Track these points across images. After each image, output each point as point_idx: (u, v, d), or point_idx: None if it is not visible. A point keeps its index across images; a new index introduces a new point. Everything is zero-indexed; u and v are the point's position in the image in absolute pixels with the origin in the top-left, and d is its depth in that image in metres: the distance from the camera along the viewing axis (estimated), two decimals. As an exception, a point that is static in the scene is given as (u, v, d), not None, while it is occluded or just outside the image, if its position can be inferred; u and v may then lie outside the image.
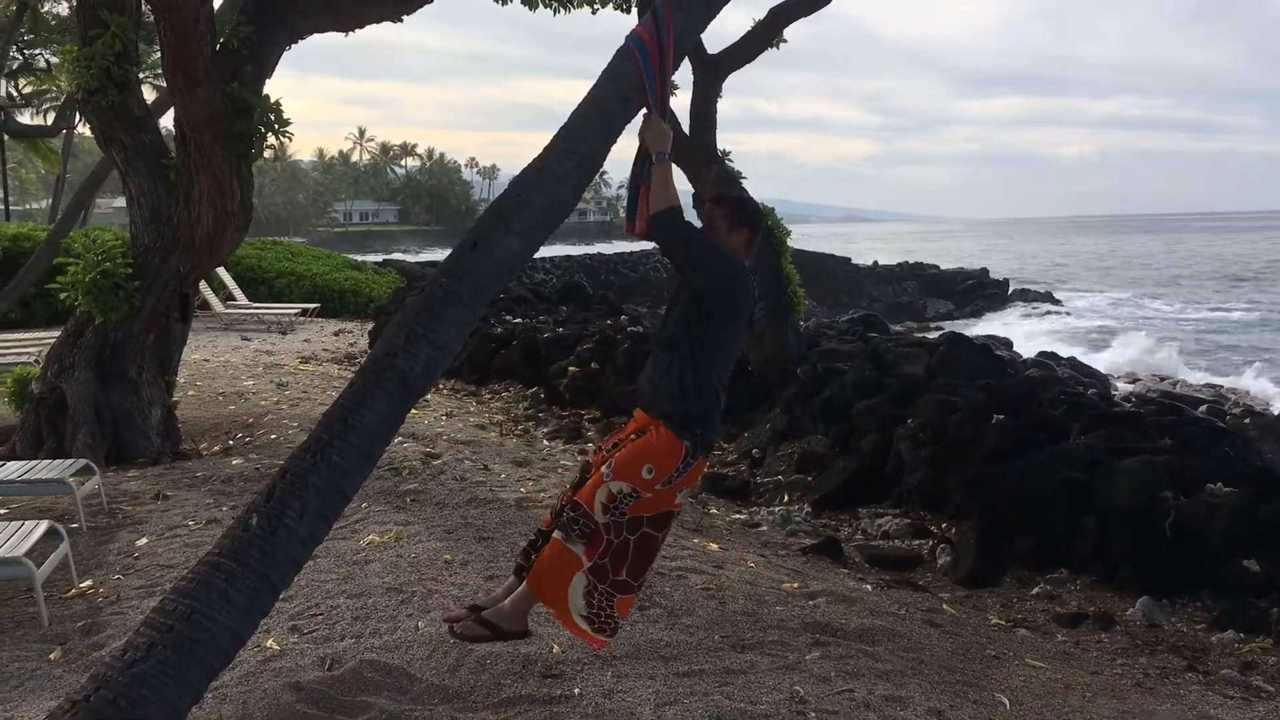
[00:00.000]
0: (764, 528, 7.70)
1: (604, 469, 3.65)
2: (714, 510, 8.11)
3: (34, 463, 6.62)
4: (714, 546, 6.42)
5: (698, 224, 3.95)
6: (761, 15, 11.41)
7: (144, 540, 5.88)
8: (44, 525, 5.12)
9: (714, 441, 3.88)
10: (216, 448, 8.51)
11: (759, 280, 4.08)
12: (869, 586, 6.21)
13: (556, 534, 3.68)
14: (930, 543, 7.44)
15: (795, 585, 5.66)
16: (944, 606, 6.04)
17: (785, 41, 11.87)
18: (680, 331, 3.72)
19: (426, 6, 8.35)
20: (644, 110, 3.67)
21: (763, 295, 4.10)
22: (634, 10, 12.84)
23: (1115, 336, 29.27)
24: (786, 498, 8.65)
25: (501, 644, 3.96)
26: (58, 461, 6.61)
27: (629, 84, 3.59)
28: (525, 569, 3.79)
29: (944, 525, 7.78)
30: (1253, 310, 39.00)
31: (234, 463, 7.70)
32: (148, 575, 5.32)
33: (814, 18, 11.50)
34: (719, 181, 11.15)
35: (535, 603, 3.76)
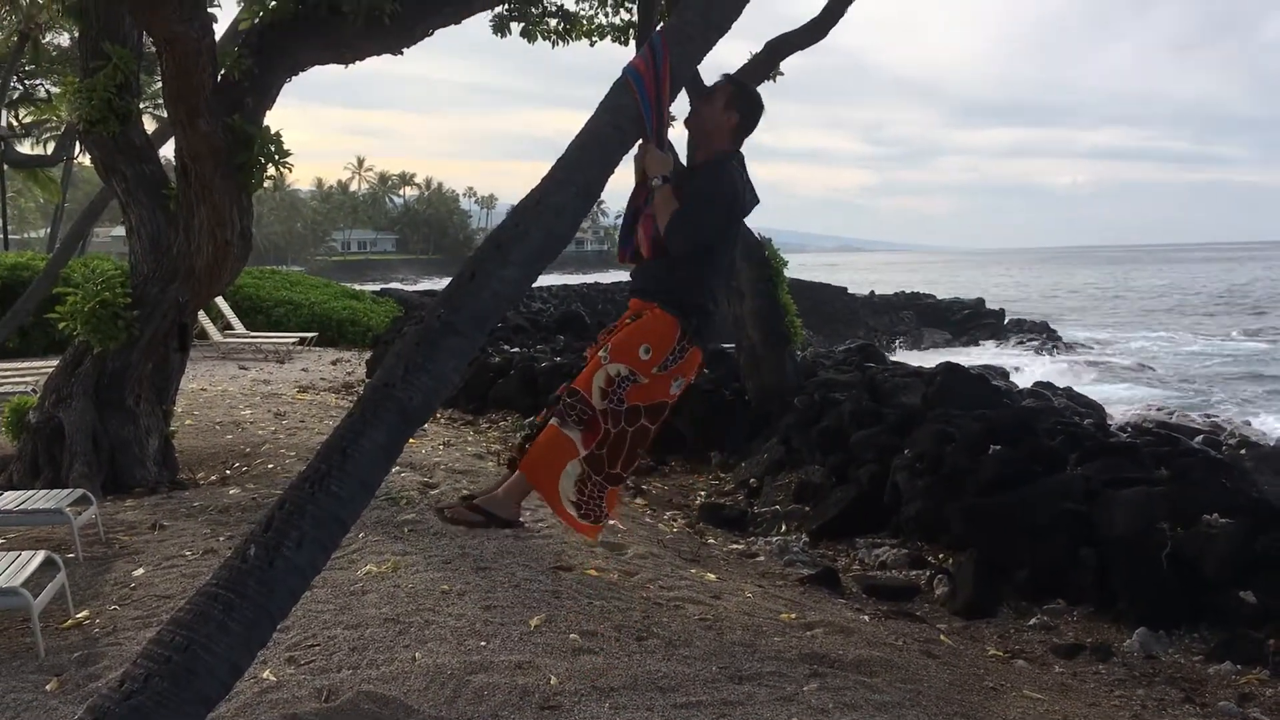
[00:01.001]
0: (761, 558, 7.70)
1: (601, 353, 3.68)
2: (711, 540, 8.10)
3: (30, 493, 6.61)
4: (711, 576, 6.41)
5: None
6: (759, 48, 11.50)
7: (141, 570, 5.87)
8: (41, 555, 5.11)
9: (710, 337, 3.93)
10: (214, 477, 8.50)
11: (756, 314, 4.13)
12: (866, 617, 6.19)
13: (553, 420, 3.70)
14: (928, 573, 7.44)
15: (793, 616, 5.64)
16: (941, 637, 6.03)
17: (782, 74, 11.97)
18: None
19: (426, 39, 8.42)
20: (641, 140, 3.72)
21: (759, 330, 4.20)
22: (631, 43, 12.97)
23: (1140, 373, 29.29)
24: (784, 527, 8.65)
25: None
26: (54, 491, 6.60)
27: (626, 116, 3.63)
28: (519, 461, 3.81)
29: (941, 555, 7.78)
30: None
31: (231, 492, 7.69)
32: (144, 606, 5.30)
33: (810, 50, 11.59)
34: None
35: (528, 491, 3.78)
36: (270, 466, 8.64)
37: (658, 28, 11.36)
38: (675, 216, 3.73)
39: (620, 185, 3.91)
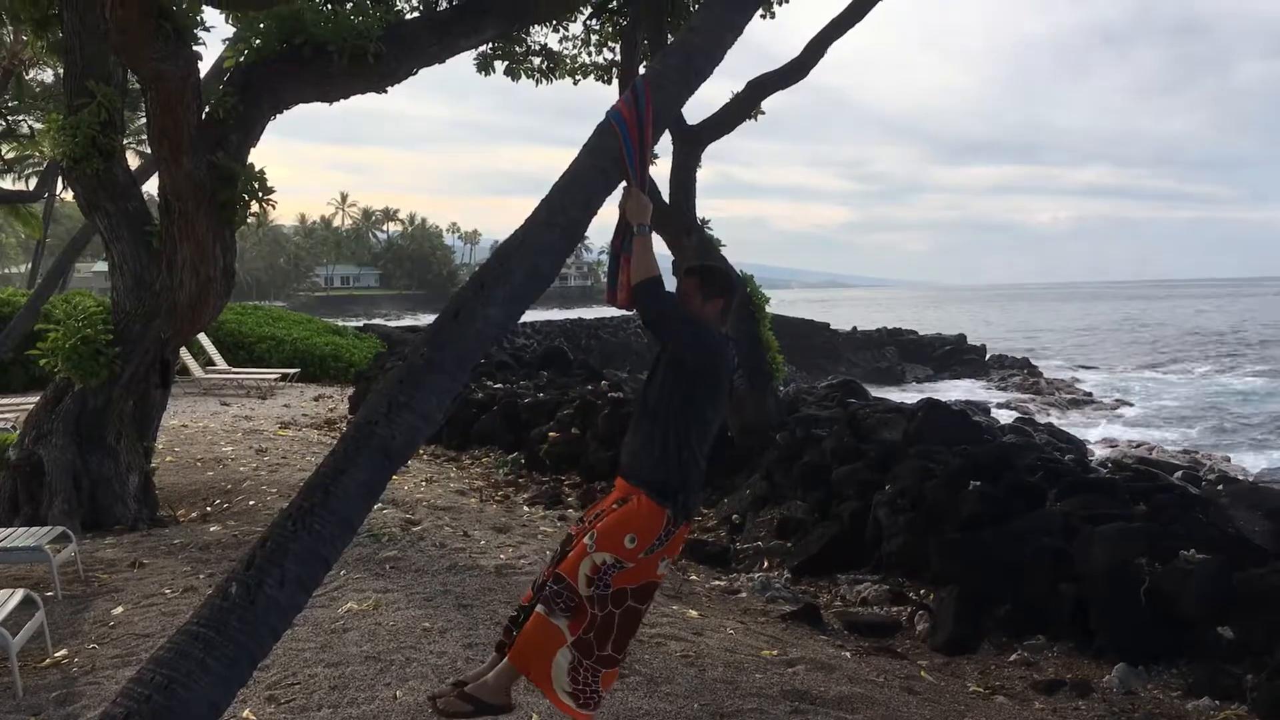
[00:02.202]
0: (744, 594, 7.70)
1: (586, 539, 3.67)
2: (694, 576, 8.10)
3: (9, 530, 6.58)
4: (694, 613, 6.42)
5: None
6: (740, 87, 11.63)
7: (120, 609, 5.84)
8: (19, 594, 5.09)
9: (695, 509, 3.89)
10: (194, 514, 8.47)
11: (737, 348, 4.15)
12: (848, 653, 6.21)
13: (539, 608, 3.68)
14: (909, 609, 7.45)
15: (775, 652, 5.66)
16: (922, 674, 6.04)
17: (764, 113, 12.10)
18: (661, 400, 3.77)
19: (410, 77, 8.50)
20: (624, 183, 3.76)
21: (742, 363, 4.19)
22: (615, 82, 13.09)
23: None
24: (766, 564, 8.66)
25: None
26: (34, 529, 6.57)
27: (609, 158, 3.67)
28: (507, 645, 3.79)
29: (922, 591, 7.80)
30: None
31: (212, 529, 7.67)
32: (123, 644, 5.27)
33: (792, 88, 11.72)
34: (698, 249, 11.28)
35: (518, 676, 3.76)
36: (252, 503, 8.62)
37: (640, 71, 11.51)
38: (654, 288, 3.74)
39: (604, 220, 3.94)
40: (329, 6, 9.92)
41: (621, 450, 3.92)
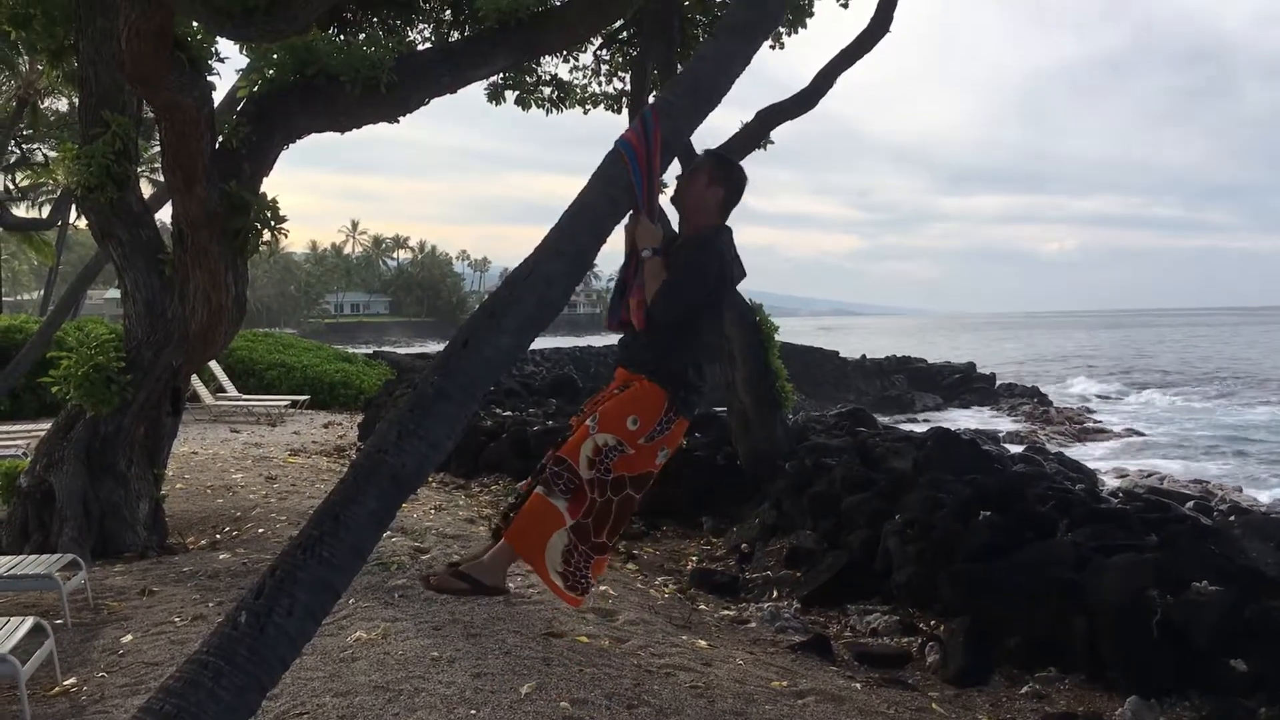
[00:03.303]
0: (753, 624, 7.67)
1: (589, 421, 3.71)
2: (703, 606, 8.07)
3: (19, 558, 6.59)
4: (702, 643, 6.39)
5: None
6: (749, 116, 11.69)
7: (129, 637, 5.83)
8: (29, 622, 5.09)
9: (696, 406, 3.97)
10: (204, 542, 8.47)
11: (745, 372, 4.19)
12: (858, 685, 6.17)
13: (539, 489, 3.72)
14: (919, 640, 7.41)
15: (784, 684, 5.62)
16: (933, 705, 6.00)
17: (772, 142, 12.16)
18: None
19: (422, 107, 8.55)
20: (632, 212, 3.80)
21: (750, 394, 4.27)
22: (625, 111, 13.17)
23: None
24: (775, 593, 8.62)
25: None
26: (44, 556, 6.58)
27: (618, 186, 3.70)
28: (504, 530, 3.81)
29: (933, 622, 7.75)
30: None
31: (221, 557, 7.67)
32: (132, 673, 5.27)
33: (800, 118, 11.79)
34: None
35: (514, 559, 3.78)
36: (261, 531, 8.62)
37: (649, 100, 11.58)
38: (661, 288, 3.81)
39: (613, 248, 4.00)
40: (342, 37, 10.05)
41: (621, 347, 3.99)
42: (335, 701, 4.73)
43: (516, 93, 12.79)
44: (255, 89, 7.89)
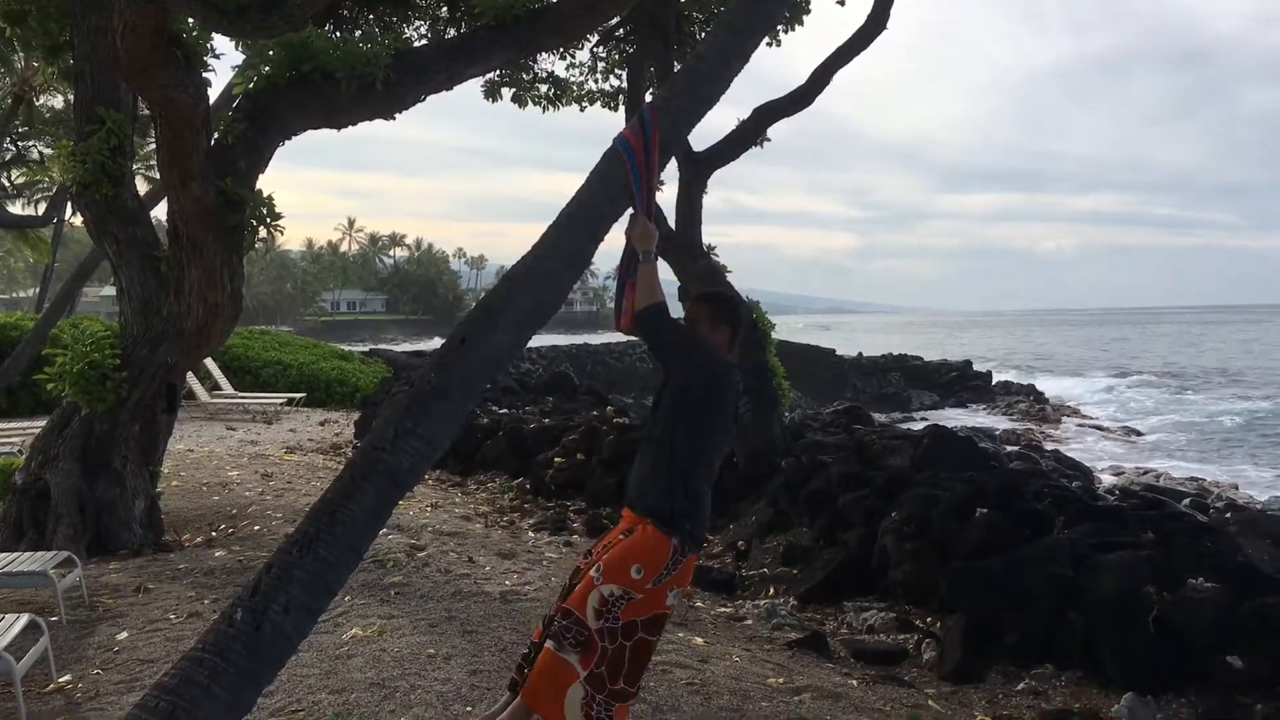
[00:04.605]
0: (749, 621, 7.66)
1: (593, 572, 3.66)
2: (699, 603, 8.07)
3: (14, 555, 6.57)
4: (699, 640, 6.39)
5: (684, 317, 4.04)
6: (746, 114, 11.68)
7: (124, 634, 5.83)
8: (24, 619, 5.08)
9: (703, 537, 3.87)
10: (199, 539, 8.46)
11: (742, 374, 4.15)
12: (854, 682, 6.17)
13: (549, 644, 3.66)
14: (915, 637, 7.41)
15: (780, 680, 5.62)
16: (929, 702, 6.00)
17: (769, 140, 12.15)
18: (666, 427, 3.77)
19: (418, 104, 8.53)
20: (630, 209, 3.78)
21: (747, 390, 4.21)
22: (621, 109, 13.16)
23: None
24: (772, 591, 8.62)
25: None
26: (39, 554, 6.56)
27: (615, 185, 3.70)
28: (520, 683, 3.77)
29: (929, 619, 7.76)
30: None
31: (216, 554, 7.66)
32: (127, 670, 5.26)
33: (796, 115, 11.78)
34: (704, 275, 11.31)
35: (531, 715, 3.73)
36: (257, 528, 8.61)
37: (647, 97, 11.57)
38: (661, 313, 3.76)
39: (610, 246, 3.97)
40: (338, 34, 10.03)
41: (629, 480, 3.92)
42: (331, 699, 4.72)
43: (513, 90, 12.77)
44: (251, 86, 7.87)
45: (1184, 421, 33.44)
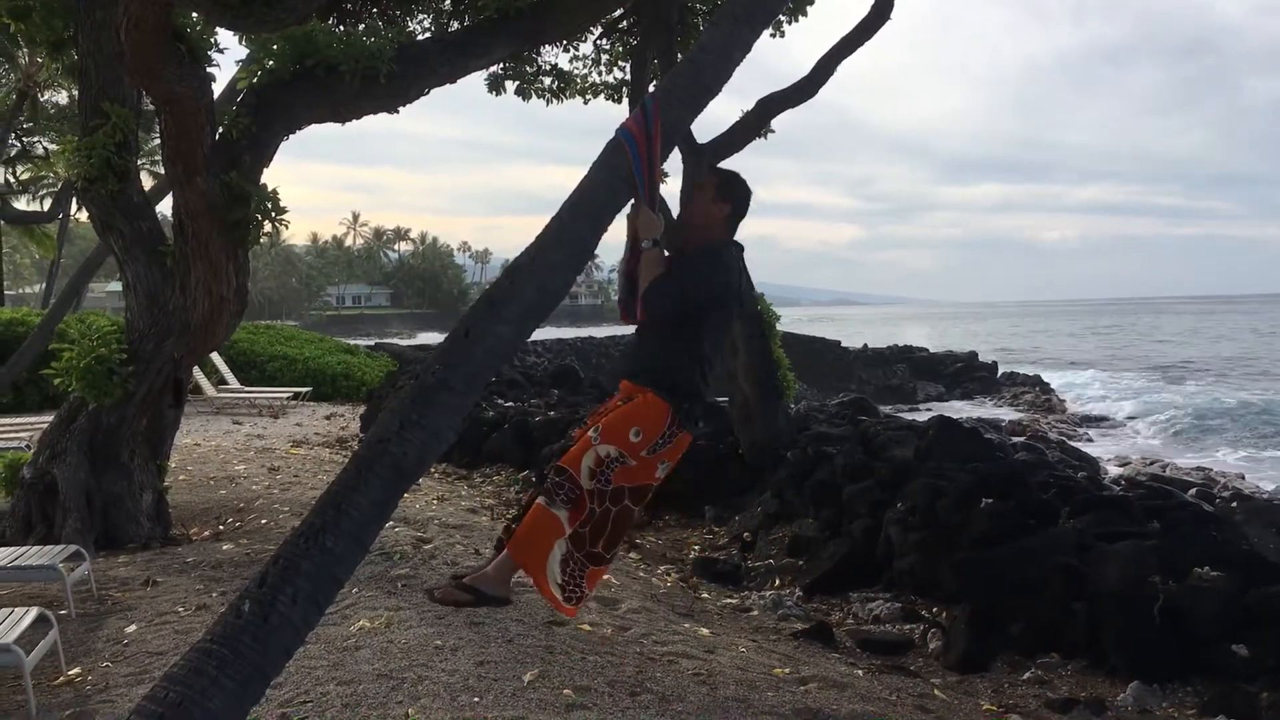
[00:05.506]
0: (755, 612, 7.68)
1: (591, 432, 3.74)
2: (705, 594, 8.09)
3: (23, 549, 6.60)
4: (705, 631, 6.40)
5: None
6: (750, 105, 11.67)
7: (133, 627, 5.85)
8: (33, 612, 5.11)
9: (698, 419, 3.97)
10: (207, 533, 8.49)
11: (749, 362, 4.20)
12: (860, 672, 6.18)
13: (540, 499, 3.76)
14: (921, 627, 7.42)
15: (786, 671, 5.64)
16: (935, 692, 6.01)
17: (773, 131, 12.13)
18: (673, 321, 3.88)
19: (421, 97, 8.54)
20: (633, 200, 3.80)
21: (753, 383, 4.31)
22: (625, 101, 13.15)
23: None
24: (778, 582, 8.63)
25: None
26: (47, 548, 6.59)
27: (619, 175, 3.70)
28: (506, 541, 3.85)
29: (935, 609, 7.77)
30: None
31: (224, 548, 7.68)
32: (136, 663, 5.28)
33: (800, 107, 11.76)
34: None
35: (517, 569, 3.81)
36: (264, 522, 8.63)
37: (650, 89, 11.56)
38: (655, 283, 3.82)
39: (614, 238, 4.00)
40: (341, 28, 10.02)
41: (622, 360, 4.06)
42: (339, 690, 4.74)
43: (517, 83, 12.76)
44: (255, 80, 7.87)
45: (1190, 411, 33.36)
